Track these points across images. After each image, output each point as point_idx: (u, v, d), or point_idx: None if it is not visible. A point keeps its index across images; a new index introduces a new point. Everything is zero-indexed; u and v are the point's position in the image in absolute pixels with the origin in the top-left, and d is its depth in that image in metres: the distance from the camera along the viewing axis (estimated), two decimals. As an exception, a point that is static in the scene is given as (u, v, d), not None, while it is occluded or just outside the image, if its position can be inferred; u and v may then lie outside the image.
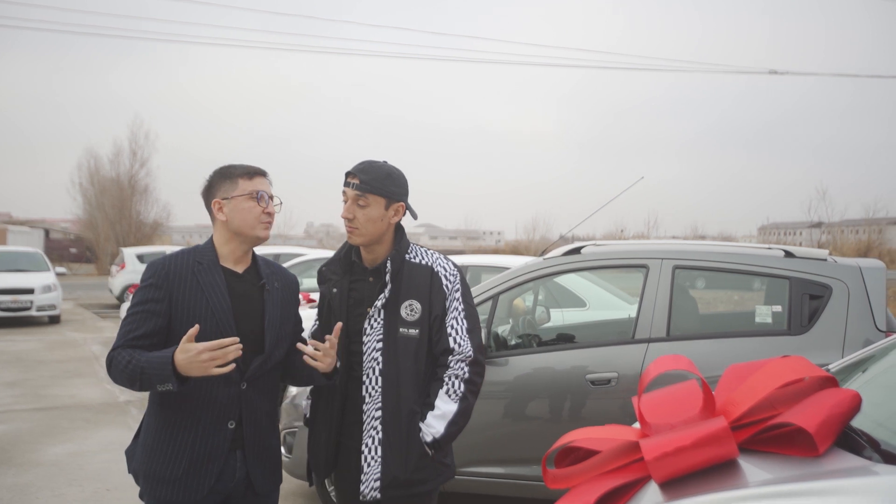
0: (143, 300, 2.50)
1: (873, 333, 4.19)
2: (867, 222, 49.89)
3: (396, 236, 2.84)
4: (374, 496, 2.70)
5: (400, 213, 2.81)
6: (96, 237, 39.54)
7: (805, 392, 2.57)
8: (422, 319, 2.74)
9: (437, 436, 2.70)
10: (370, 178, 2.72)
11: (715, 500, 2.15)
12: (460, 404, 2.72)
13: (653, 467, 2.31)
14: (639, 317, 4.48)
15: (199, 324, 2.42)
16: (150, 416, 2.57)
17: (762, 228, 76.68)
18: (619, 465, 2.59)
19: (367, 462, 2.72)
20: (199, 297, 2.51)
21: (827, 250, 4.61)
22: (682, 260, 4.55)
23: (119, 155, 40.58)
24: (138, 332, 2.46)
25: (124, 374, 2.39)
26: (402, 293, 2.75)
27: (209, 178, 2.64)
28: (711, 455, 2.30)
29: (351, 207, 2.74)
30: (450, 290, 2.78)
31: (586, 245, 4.84)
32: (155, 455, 2.51)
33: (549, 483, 2.69)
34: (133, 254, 20.29)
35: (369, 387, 2.74)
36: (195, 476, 2.49)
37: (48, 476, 5.75)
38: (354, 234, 2.77)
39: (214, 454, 2.51)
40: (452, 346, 2.73)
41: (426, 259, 2.83)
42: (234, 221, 2.58)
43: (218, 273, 2.57)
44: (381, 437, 2.71)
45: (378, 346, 2.74)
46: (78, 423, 7.44)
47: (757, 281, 4.71)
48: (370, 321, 2.76)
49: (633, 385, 4.33)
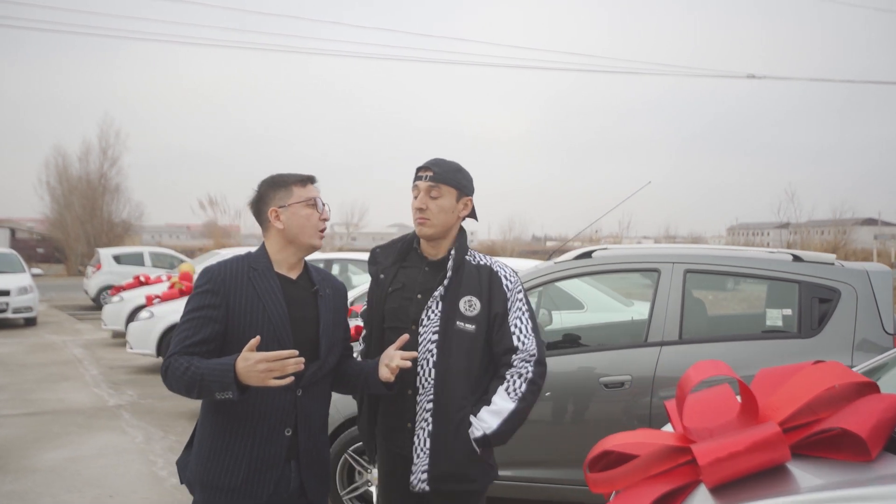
0: (199, 306, 2.47)
1: (881, 336, 4.27)
2: (833, 223, 50.67)
3: (459, 234, 2.90)
4: (422, 488, 2.72)
5: (468, 207, 2.87)
6: (66, 237, 38.92)
7: (844, 397, 2.61)
8: (480, 316, 2.77)
9: (488, 431, 2.72)
10: (443, 170, 2.80)
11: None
12: (519, 403, 2.74)
13: (706, 472, 2.34)
14: (651, 320, 4.52)
15: (255, 329, 2.44)
16: (205, 425, 2.54)
17: (731, 229, 77.62)
18: (664, 470, 2.62)
19: (417, 454, 2.75)
20: (255, 304, 2.49)
21: (833, 254, 4.69)
22: (693, 264, 4.60)
23: (88, 153, 40.03)
24: (195, 338, 2.43)
25: (181, 382, 2.36)
26: (462, 288, 2.79)
27: (259, 187, 2.63)
28: (764, 460, 2.33)
29: (423, 198, 2.79)
30: (511, 291, 2.83)
31: (597, 249, 4.88)
32: (212, 464, 2.48)
33: (593, 487, 2.71)
34: (109, 254, 20.03)
35: (422, 378, 2.76)
36: (254, 485, 2.47)
37: (46, 482, 5.67)
38: (425, 225, 2.80)
39: (272, 462, 2.49)
40: (517, 345, 2.77)
41: (485, 261, 2.89)
42: (292, 229, 2.57)
43: (273, 279, 2.56)
44: (431, 430, 2.73)
45: (433, 339, 2.75)
46: (70, 427, 7.34)
47: (766, 284, 4.77)
48: (427, 312, 2.78)
49: (647, 388, 4.38)
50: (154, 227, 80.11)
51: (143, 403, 8.54)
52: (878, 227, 58.62)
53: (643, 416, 4.40)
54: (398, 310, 2.84)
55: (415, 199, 2.83)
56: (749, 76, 20.15)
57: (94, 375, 10.25)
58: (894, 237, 60.06)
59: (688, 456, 2.60)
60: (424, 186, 2.80)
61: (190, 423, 7.62)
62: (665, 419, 4.19)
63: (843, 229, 49.14)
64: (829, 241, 45.98)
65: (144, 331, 10.20)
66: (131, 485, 5.64)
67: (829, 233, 51.64)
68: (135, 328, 10.35)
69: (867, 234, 55.30)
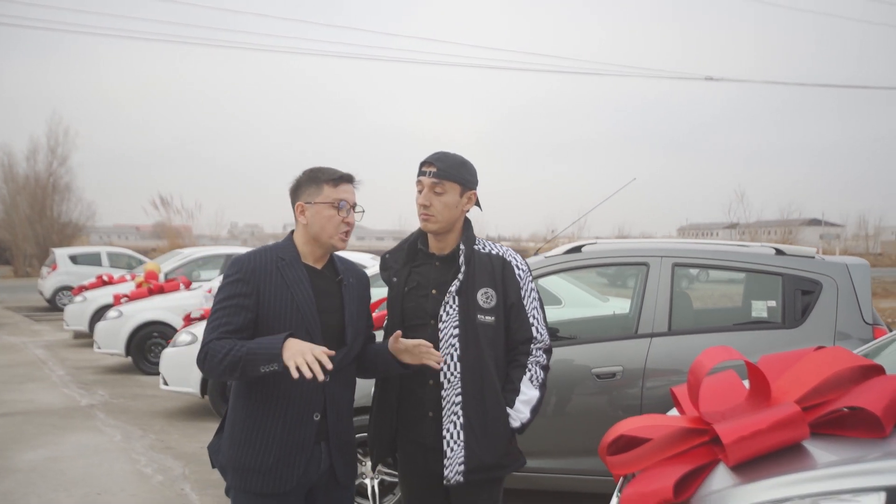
0: (231, 294, 2.53)
1: (861, 326, 4.46)
2: (780, 223, 51.89)
3: (465, 226, 2.93)
4: (458, 480, 2.76)
5: (472, 201, 2.90)
6: (13, 237, 37.93)
7: (850, 379, 2.75)
8: (497, 307, 2.83)
9: (524, 421, 2.82)
10: (446, 165, 2.82)
11: (797, 479, 2.30)
12: (541, 391, 2.85)
13: (731, 450, 2.46)
14: (641, 312, 4.65)
15: (284, 317, 2.52)
16: (237, 410, 2.60)
17: (681, 229, 79.02)
18: (681, 451, 2.73)
19: (451, 447, 2.78)
20: (284, 292, 2.55)
21: (814, 248, 4.88)
22: (681, 258, 4.75)
23: (36, 152, 39.00)
24: (231, 325, 2.49)
25: (223, 363, 2.40)
26: (477, 280, 2.83)
27: (298, 177, 2.68)
28: (785, 437, 2.46)
29: (428, 195, 2.82)
30: (523, 280, 2.89)
31: (586, 244, 5.00)
32: (244, 447, 2.54)
33: (613, 469, 2.81)
34: (65, 254, 19.63)
35: (447, 373, 2.80)
36: (284, 467, 2.53)
37: (29, 482, 5.59)
38: (430, 221, 2.84)
39: (302, 445, 2.56)
40: (535, 335, 2.86)
41: (496, 250, 2.92)
42: (314, 227, 2.63)
43: (301, 269, 2.62)
44: (463, 423, 2.77)
45: (455, 333, 2.80)
46: (45, 428, 7.23)
47: (751, 277, 4.93)
48: (445, 308, 2.82)
49: (638, 378, 4.50)
50: (102, 228, 78.56)
51: (116, 403, 8.43)
52: (823, 228, 60.15)
53: (634, 405, 4.52)
54: (416, 307, 2.89)
55: (419, 194, 2.86)
56: (707, 78, 20.57)
57: (60, 376, 10.08)
58: (838, 237, 61.78)
59: (704, 437, 2.72)
60: (428, 182, 2.83)
61: (166, 422, 7.57)
62: (657, 407, 4.33)
63: (789, 229, 50.38)
64: (777, 240, 47.12)
65: (113, 330, 10.08)
66: (118, 483, 5.60)
67: (776, 233, 52.88)
68: (103, 328, 10.21)
69: (813, 234, 56.75)
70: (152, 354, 10.18)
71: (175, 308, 10.17)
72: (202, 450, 6.52)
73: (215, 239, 41.66)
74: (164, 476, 5.78)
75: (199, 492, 5.43)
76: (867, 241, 62.00)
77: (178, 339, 7.66)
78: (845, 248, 51.72)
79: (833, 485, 2.22)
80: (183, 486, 5.56)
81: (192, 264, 12.87)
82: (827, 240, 51.83)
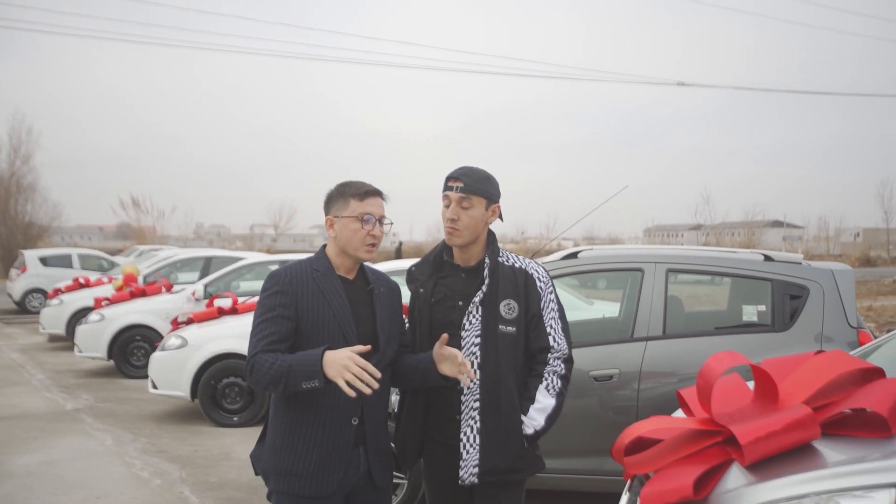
0: (272, 306, 2.64)
1: (846, 330, 4.67)
2: (744, 224, 52.71)
3: (490, 239, 3.05)
4: (471, 481, 2.90)
5: (496, 213, 3.02)
6: (-24, 238, 37.26)
7: (851, 381, 2.91)
8: (518, 318, 2.95)
9: (537, 428, 2.93)
10: (472, 180, 2.94)
11: (812, 477, 2.46)
12: (557, 399, 2.97)
13: (747, 450, 2.60)
14: (636, 316, 4.81)
15: (323, 325, 2.63)
16: (277, 418, 2.70)
17: (647, 230, 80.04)
18: (694, 451, 2.88)
19: (466, 450, 2.91)
20: (321, 302, 2.67)
21: (801, 254, 5.08)
22: (675, 263, 4.92)
23: (-2, 150, 38.35)
24: (274, 336, 2.59)
25: (268, 375, 2.50)
26: (500, 292, 2.95)
27: (329, 192, 2.81)
28: (798, 438, 2.62)
29: (455, 209, 2.93)
30: (544, 292, 3.01)
31: (583, 249, 5.15)
32: (285, 453, 2.65)
33: (631, 469, 2.95)
34: (35, 256, 19.37)
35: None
36: (325, 470, 2.64)
37: (26, 487, 5.61)
38: (455, 236, 2.95)
39: (342, 449, 2.66)
40: (552, 345, 2.97)
41: (519, 262, 3.04)
42: (341, 240, 2.75)
43: (335, 279, 2.74)
44: (479, 427, 2.90)
45: (476, 342, 2.93)
46: (33, 432, 7.22)
47: (740, 282, 5.11)
48: (468, 317, 2.94)
49: (634, 381, 4.66)
50: (64, 229, 77.37)
51: (101, 407, 8.42)
52: (785, 229, 61.30)
53: (631, 406, 4.67)
54: (443, 318, 3.00)
55: (446, 208, 2.98)
56: (679, 83, 20.94)
57: (41, 380, 10.02)
58: (800, 238, 63.01)
59: (717, 438, 2.87)
60: (455, 197, 2.94)
61: (156, 426, 7.60)
62: (652, 408, 4.49)
63: (752, 231, 51.23)
64: (742, 242, 47.91)
65: (95, 334, 10.04)
66: (117, 486, 5.64)
67: (740, 234, 53.68)
68: (84, 331, 10.16)
69: (776, 236, 57.83)
70: (135, 358, 10.16)
71: (158, 311, 10.16)
72: (196, 453, 6.57)
73: (183, 240, 41.30)
74: (161, 479, 5.82)
75: (199, 495, 5.49)
76: (828, 243, 63.27)
77: (168, 343, 7.68)
78: (806, 249, 52.71)
79: (847, 482, 2.37)
80: (182, 489, 5.61)
81: (171, 267, 12.83)
82: (789, 241, 52.88)
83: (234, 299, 8.55)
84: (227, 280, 10.36)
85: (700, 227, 57.06)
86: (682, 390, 3.40)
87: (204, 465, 6.20)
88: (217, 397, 7.51)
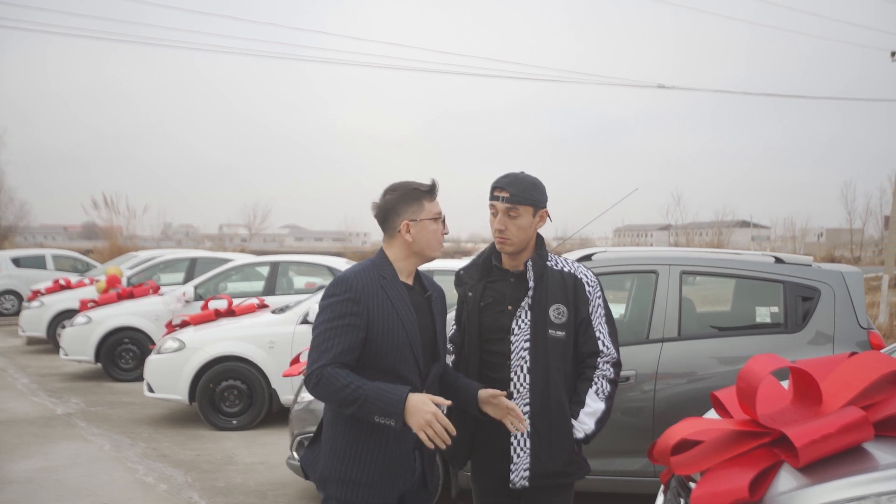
0: (342, 314, 2.54)
1: (857, 331, 4.75)
2: (713, 225, 53.29)
3: (538, 243, 3.06)
4: (522, 484, 2.92)
5: (544, 218, 3.03)
6: (-61, 238, 36.53)
7: (891, 382, 2.97)
8: (568, 322, 2.97)
9: (588, 432, 2.95)
10: (519, 190, 2.93)
11: (871, 478, 2.50)
12: (607, 403, 2.99)
13: (802, 453, 2.64)
14: (652, 318, 4.86)
15: (391, 334, 2.58)
16: (337, 425, 2.64)
17: (617, 230, 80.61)
18: (739, 453, 2.91)
19: (517, 453, 2.93)
20: (389, 310, 2.61)
21: (811, 256, 5.15)
22: (688, 265, 4.97)
23: (-39, 149, 37.59)
24: (343, 346, 2.51)
25: (340, 396, 2.46)
26: (549, 297, 2.96)
27: (391, 196, 2.71)
28: (852, 440, 2.66)
29: (503, 219, 2.93)
30: (592, 296, 3.03)
31: (597, 252, 5.18)
32: (350, 461, 2.60)
33: (677, 469, 2.97)
34: (7, 257, 18.95)
35: (517, 383, 2.94)
36: (390, 478, 2.62)
37: (28, 493, 5.51)
38: (506, 244, 2.96)
39: (404, 457, 2.65)
40: (602, 349, 2.99)
41: (568, 267, 3.05)
42: (419, 243, 2.69)
43: (401, 286, 2.69)
44: (530, 431, 2.92)
45: (525, 346, 2.94)
46: (27, 438, 7.08)
47: (751, 283, 5.16)
48: (517, 322, 2.95)
49: (650, 381, 4.70)
50: (29, 229, 75.94)
51: (94, 411, 8.29)
52: (752, 230, 62.08)
53: (647, 407, 4.71)
54: (492, 322, 3.01)
55: (493, 216, 2.98)
56: (659, 86, 21.12)
57: (25, 384, 9.84)
58: (768, 239, 63.87)
59: (764, 439, 2.90)
60: (502, 208, 2.94)
61: (153, 430, 7.50)
62: (668, 409, 4.54)
63: (720, 231, 51.78)
64: (710, 242, 48.43)
65: (82, 336, 9.88)
66: (123, 492, 5.56)
67: (708, 234, 54.28)
68: (70, 334, 9.99)
69: (744, 236, 58.58)
70: (123, 361, 10.02)
71: (146, 313, 10.03)
72: (199, 457, 6.50)
73: (154, 240, 40.75)
74: (168, 485, 5.75)
75: (208, 499, 5.44)
76: (794, 243, 64.19)
77: (164, 346, 7.59)
78: (773, 248, 53.45)
79: (907, 482, 2.42)
80: (190, 494, 5.55)
81: (155, 268, 12.67)
82: (758, 241, 53.54)
83: (230, 301, 8.46)
84: (216, 282, 10.25)
85: (669, 227, 57.58)
86: (718, 392, 3.42)
87: (209, 470, 6.13)
88: (216, 400, 7.43)
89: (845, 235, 65.67)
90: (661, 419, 4.59)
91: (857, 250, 59.30)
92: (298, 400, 5.33)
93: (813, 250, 61.65)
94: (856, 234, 62.15)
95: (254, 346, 7.44)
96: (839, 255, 52.44)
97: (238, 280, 10.75)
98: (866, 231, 62.33)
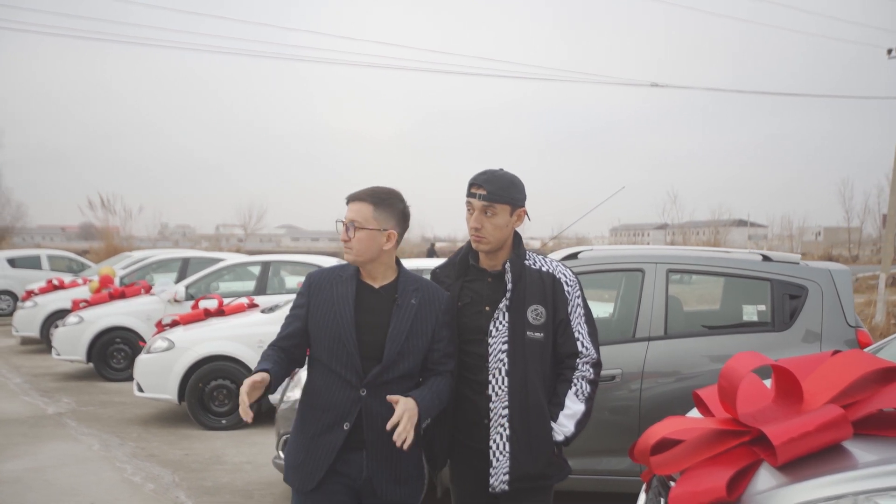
0: (295, 305, 2.87)
1: (845, 329, 4.73)
2: (710, 224, 53.26)
3: (515, 242, 3.00)
4: (502, 489, 2.88)
5: (522, 217, 2.97)
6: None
7: (873, 381, 2.94)
8: (546, 323, 2.92)
9: (567, 434, 2.92)
10: (496, 187, 2.87)
11: (848, 477, 2.48)
12: (587, 404, 2.95)
13: (780, 451, 2.61)
14: (638, 317, 4.84)
15: (324, 328, 2.77)
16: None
17: (613, 229, 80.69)
18: (720, 451, 2.89)
19: (496, 457, 2.88)
20: (328, 306, 2.78)
21: (799, 254, 5.14)
22: (675, 264, 4.95)
23: (-44, 148, 37.52)
24: (283, 332, 2.85)
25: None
26: (527, 297, 2.91)
27: (402, 206, 2.92)
28: (831, 438, 2.64)
29: (479, 217, 2.88)
30: (571, 296, 2.97)
31: (583, 250, 5.15)
32: (290, 446, 2.87)
33: (657, 469, 2.95)
34: (3, 257, 18.95)
35: (496, 386, 2.89)
36: (309, 465, 2.76)
37: (16, 493, 5.49)
38: (482, 243, 2.91)
39: (329, 449, 2.74)
40: (580, 350, 2.94)
41: (547, 266, 2.99)
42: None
43: (351, 286, 2.79)
44: (509, 434, 2.88)
45: (504, 348, 2.89)
46: (15, 438, 7.06)
47: (739, 282, 5.15)
48: (495, 324, 2.90)
49: (636, 380, 4.68)
50: (26, 230, 75.90)
51: (84, 411, 8.27)
52: (749, 228, 62.16)
53: (633, 406, 4.70)
54: (470, 323, 2.95)
55: (469, 214, 2.92)
56: (652, 85, 21.10)
57: (18, 384, 9.82)
58: (765, 237, 63.91)
59: (744, 438, 2.88)
60: (479, 206, 2.87)
61: (143, 429, 7.48)
62: (654, 408, 4.52)
63: (716, 230, 51.77)
64: (707, 241, 48.42)
65: (74, 336, 9.86)
66: (110, 492, 5.54)
67: (705, 233, 54.26)
68: (63, 334, 9.97)
69: (741, 235, 58.59)
70: (115, 360, 10.00)
71: (138, 313, 10.00)
72: (187, 457, 6.48)
73: (150, 241, 40.75)
74: (155, 484, 5.73)
75: (194, 499, 5.41)
76: (791, 242, 64.25)
77: (154, 346, 7.56)
78: (770, 247, 53.51)
79: (884, 482, 2.40)
80: (177, 493, 5.53)
81: (147, 268, 12.65)
82: (755, 240, 53.56)
83: (219, 301, 8.44)
84: (207, 281, 10.22)
85: (665, 227, 57.58)
86: (700, 390, 3.40)
87: (197, 469, 6.11)
88: (205, 400, 7.41)
89: (843, 234, 65.72)
90: (647, 418, 4.56)
91: (855, 249, 59.36)
92: (284, 399, 5.31)
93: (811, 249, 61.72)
94: (854, 232, 62.21)
95: (243, 345, 7.42)
96: (837, 254, 52.46)
97: (230, 280, 10.73)
98: (864, 230, 62.39)
